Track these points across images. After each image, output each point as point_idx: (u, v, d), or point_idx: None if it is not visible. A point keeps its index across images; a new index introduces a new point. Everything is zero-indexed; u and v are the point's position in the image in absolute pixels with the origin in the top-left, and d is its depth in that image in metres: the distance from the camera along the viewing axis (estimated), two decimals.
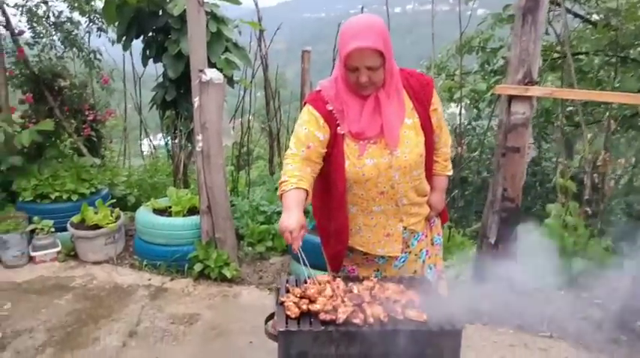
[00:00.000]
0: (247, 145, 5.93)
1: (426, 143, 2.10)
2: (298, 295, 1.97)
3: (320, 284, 2.05)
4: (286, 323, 1.80)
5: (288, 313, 1.85)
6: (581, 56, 6.19)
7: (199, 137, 3.85)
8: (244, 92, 5.87)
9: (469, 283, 3.76)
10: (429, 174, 2.22)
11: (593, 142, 4.69)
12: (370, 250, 2.18)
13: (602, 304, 3.74)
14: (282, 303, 1.94)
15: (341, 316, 1.79)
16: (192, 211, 4.27)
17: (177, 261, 4.05)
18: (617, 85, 5.23)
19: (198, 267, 3.91)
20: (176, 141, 5.18)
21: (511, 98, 3.52)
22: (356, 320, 1.79)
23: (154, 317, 3.45)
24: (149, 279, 3.99)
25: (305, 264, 1.96)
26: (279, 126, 6.13)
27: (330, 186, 2.08)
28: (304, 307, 1.87)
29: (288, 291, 2.02)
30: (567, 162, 4.60)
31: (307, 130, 1.99)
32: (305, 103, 2.15)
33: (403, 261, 2.25)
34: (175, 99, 4.97)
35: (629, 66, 5.72)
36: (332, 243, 2.17)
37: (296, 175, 1.90)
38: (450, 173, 2.37)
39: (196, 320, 3.41)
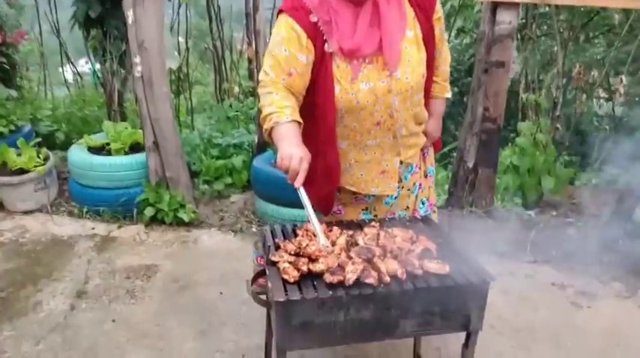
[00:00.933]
0: (187, 68, 5.27)
1: (428, 60, 1.77)
2: (292, 252, 1.62)
3: (314, 235, 1.70)
4: (285, 290, 1.45)
5: (286, 277, 1.50)
6: None
7: (137, 59, 3.24)
8: (179, 7, 5.13)
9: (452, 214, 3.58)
10: (427, 98, 1.91)
11: (567, 55, 4.45)
12: (362, 189, 1.90)
13: (579, 225, 3.68)
14: (274, 264, 1.58)
15: (351, 276, 1.49)
16: (135, 148, 3.72)
17: (123, 206, 3.56)
18: None
19: (149, 212, 3.45)
20: (106, 65, 4.47)
21: (495, 6, 3.14)
22: (369, 280, 1.49)
23: (104, 272, 3.01)
24: (92, 228, 3.49)
25: (306, 207, 1.59)
26: (224, 47, 5.47)
27: (316, 118, 1.73)
28: (304, 268, 1.52)
29: (278, 248, 1.66)
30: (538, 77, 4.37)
31: (287, 52, 1.64)
32: (280, 12, 1.69)
33: (395, 197, 1.98)
34: (101, 15, 4.23)
35: None
36: (320, 183, 1.84)
37: (287, 106, 1.61)
38: (449, 95, 2.07)
39: (154, 272, 3.01)
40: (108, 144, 3.73)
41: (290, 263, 1.53)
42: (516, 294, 2.81)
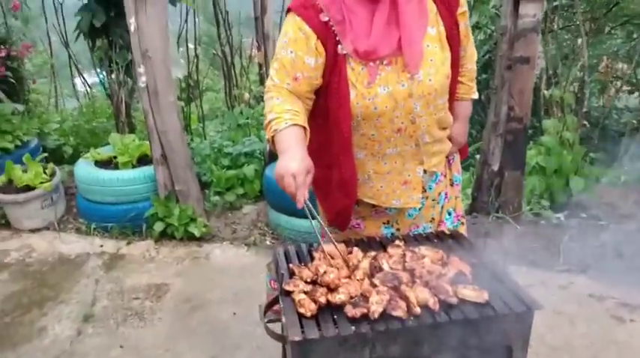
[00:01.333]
0: (197, 75, 5.14)
1: (452, 59, 1.59)
2: (308, 279, 1.44)
3: (332, 258, 1.53)
4: (301, 327, 1.27)
5: (302, 311, 1.32)
6: None
7: (141, 69, 3.10)
8: (187, 14, 4.99)
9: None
10: (452, 100, 1.73)
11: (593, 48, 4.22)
12: (382, 202, 1.72)
13: (613, 228, 3.45)
14: (288, 293, 1.41)
15: (376, 308, 1.30)
16: (143, 161, 3.59)
17: (132, 221, 3.43)
18: None
19: (158, 227, 3.31)
20: (113, 76, 4.35)
21: None
22: (397, 313, 1.30)
23: (112, 293, 2.87)
24: (101, 246, 3.36)
25: (315, 219, 1.44)
26: (233, 52, 5.34)
27: (330, 126, 1.57)
28: (322, 299, 1.35)
29: (293, 274, 1.49)
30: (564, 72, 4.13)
31: (294, 55, 1.49)
32: (289, 11, 1.54)
33: (419, 209, 1.79)
34: (106, 24, 4.10)
35: None
36: (335, 198, 1.68)
37: (288, 110, 1.46)
38: (476, 96, 1.87)
39: (165, 291, 2.86)
40: (115, 157, 3.61)
41: (306, 293, 1.36)
42: (551, 308, 2.60)
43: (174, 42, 5.01)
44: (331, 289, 1.37)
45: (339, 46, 1.48)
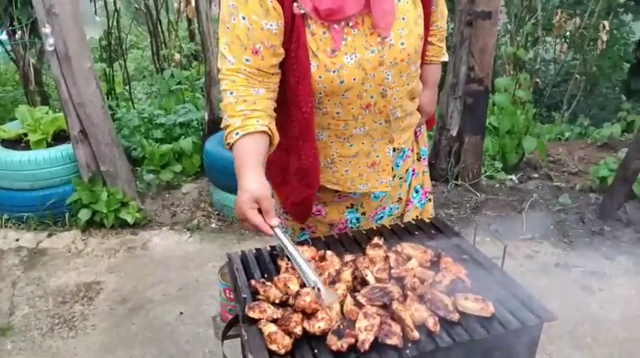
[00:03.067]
0: (118, 32, 4.55)
1: (424, 17, 1.35)
2: (277, 300, 1.17)
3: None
4: None
5: (274, 348, 1.05)
6: None
7: (47, 29, 2.58)
8: None
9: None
10: (422, 64, 1.48)
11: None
12: (347, 188, 1.49)
13: (570, 189, 3.41)
14: (253, 322, 1.13)
15: (365, 337, 1.05)
16: (61, 137, 3.10)
17: (52, 209, 2.98)
18: None
19: (84, 215, 2.88)
20: (17, 37, 3.72)
21: None
22: (392, 341, 1.06)
23: (33, 297, 2.47)
24: (17, 240, 2.90)
25: (287, 251, 1.21)
26: (158, 6, 4.76)
27: (287, 105, 1.32)
28: (297, 330, 1.08)
29: (256, 293, 1.21)
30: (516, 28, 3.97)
31: (247, 21, 1.20)
32: None
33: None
34: None
35: None
36: (294, 187, 1.43)
37: (240, 112, 1.21)
38: (446, 58, 1.63)
39: (97, 291, 2.49)
40: (26, 134, 3.09)
41: (276, 321, 1.08)
42: (520, 280, 2.48)
43: None
44: (307, 314, 1.10)
45: (295, 4, 1.18)
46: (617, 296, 2.38)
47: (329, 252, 1.31)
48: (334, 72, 1.22)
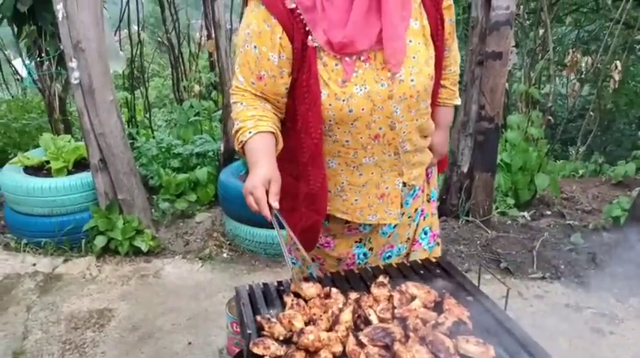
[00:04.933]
0: (140, 61, 4.71)
1: (436, 59, 1.42)
2: (281, 337, 1.20)
3: (307, 301, 1.31)
4: None
5: None
6: None
7: (73, 64, 2.71)
8: None
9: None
10: (434, 105, 1.55)
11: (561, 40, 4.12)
12: (357, 218, 1.52)
13: (583, 228, 3.39)
14: (257, 357, 1.16)
15: None
16: (81, 165, 3.20)
17: (69, 235, 3.05)
18: None
19: (100, 241, 2.95)
20: (44, 67, 3.88)
21: None
22: None
23: (47, 322, 2.52)
24: (33, 265, 2.97)
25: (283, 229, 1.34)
26: (181, 38, 4.94)
27: (298, 132, 1.39)
28: None
29: (261, 329, 1.24)
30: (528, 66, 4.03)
31: (257, 51, 1.32)
32: None
33: (394, 226, 1.60)
34: (32, 8, 3.62)
35: None
36: (302, 213, 1.47)
37: (252, 116, 1.33)
38: (459, 102, 1.68)
39: (108, 319, 2.53)
40: (48, 162, 3.19)
41: None
42: (529, 320, 2.47)
43: (114, 27, 4.57)
44: (310, 352, 1.13)
45: (310, 37, 1.27)
46: (629, 339, 2.35)
47: (334, 290, 1.34)
48: (344, 101, 1.29)
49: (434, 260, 1.56)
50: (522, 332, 1.25)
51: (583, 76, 5.37)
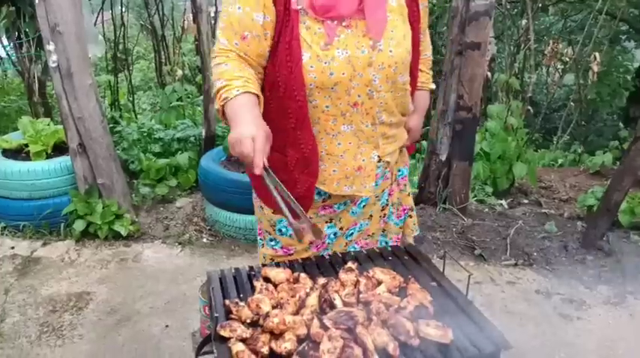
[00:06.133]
0: (124, 43, 4.66)
1: (413, 40, 1.48)
2: (248, 320, 1.23)
3: (276, 286, 1.35)
4: None
5: None
6: None
7: (50, 47, 2.68)
8: None
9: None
10: (414, 86, 1.60)
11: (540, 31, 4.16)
12: (334, 189, 1.53)
13: (558, 217, 3.46)
14: (223, 340, 1.20)
15: None
16: (60, 149, 3.18)
17: (48, 219, 3.05)
18: None
19: (79, 225, 2.95)
20: (23, 50, 3.83)
21: None
22: None
23: (25, 305, 2.53)
24: (12, 248, 2.97)
25: (280, 196, 1.27)
26: (164, 22, 4.89)
27: (280, 98, 1.40)
28: (264, 350, 1.14)
29: (230, 312, 1.27)
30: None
31: (242, 11, 1.35)
32: None
33: (363, 206, 1.64)
34: None
35: None
36: (296, 179, 1.48)
37: (238, 77, 1.32)
38: (434, 86, 1.76)
39: (87, 302, 2.55)
40: (26, 145, 3.17)
41: (245, 341, 1.15)
42: (500, 306, 2.55)
43: (95, 10, 4.51)
44: (275, 334, 1.17)
45: (293, 0, 1.31)
46: (595, 325, 2.43)
47: (302, 275, 1.38)
48: (325, 63, 1.32)
49: (402, 247, 1.60)
50: (481, 316, 1.29)
51: (565, 66, 5.44)
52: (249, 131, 1.21)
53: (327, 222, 1.62)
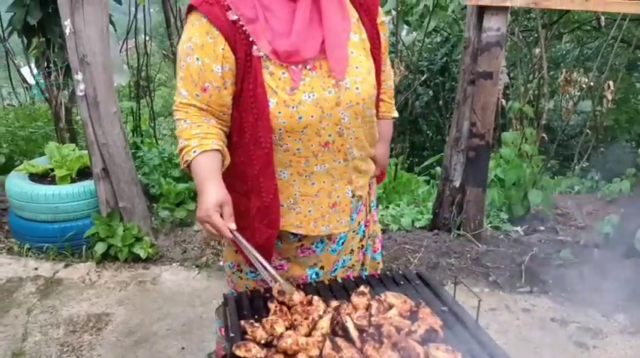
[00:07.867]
0: (147, 71, 4.82)
1: (376, 71, 1.50)
2: (263, 340, 1.28)
3: (289, 308, 1.39)
4: None
5: None
6: None
7: (78, 76, 2.82)
8: (136, 9, 4.67)
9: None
10: (376, 116, 1.61)
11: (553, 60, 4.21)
12: (311, 231, 1.52)
13: (574, 244, 3.45)
14: None
15: None
16: (84, 173, 3.29)
17: (71, 241, 3.14)
18: None
19: (100, 248, 3.04)
20: (52, 78, 4.00)
21: (482, 10, 2.84)
22: None
23: (46, 325, 2.60)
24: (35, 269, 3.06)
25: (247, 251, 1.40)
26: None
27: (246, 144, 1.40)
28: None
29: (245, 333, 1.32)
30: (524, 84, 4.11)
31: (200, 62, 1.34)
32: (190, 8, 1.36)
33: (342, 243, 1.64)
34: (42, 21, 3.74)
35: None
36: (255, 228, 1.47)
37: (196, 134, 1.34)
38: (396, 114, 1.76)
39: (106, 323, 2.61)
40: (52, 170, 3.29)
41: None
42: (515, 333, 2.54)
43: (122, 37, 4.70)
44: (289, 354, 1.21)
45: (254, 47, 1.31)
46: (611, 354, 2.40)
47: (315, 298, 1.42)
48: (293, 108, 1.32)
49: (414, 272, 1.64)
50: (492, 341, 1.31)
51: (579, 93, 5.45)
52: (213, 200, 1.28)
53: (309, 267, 1.61)
